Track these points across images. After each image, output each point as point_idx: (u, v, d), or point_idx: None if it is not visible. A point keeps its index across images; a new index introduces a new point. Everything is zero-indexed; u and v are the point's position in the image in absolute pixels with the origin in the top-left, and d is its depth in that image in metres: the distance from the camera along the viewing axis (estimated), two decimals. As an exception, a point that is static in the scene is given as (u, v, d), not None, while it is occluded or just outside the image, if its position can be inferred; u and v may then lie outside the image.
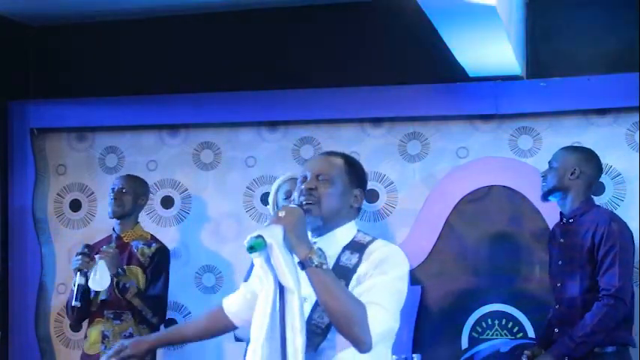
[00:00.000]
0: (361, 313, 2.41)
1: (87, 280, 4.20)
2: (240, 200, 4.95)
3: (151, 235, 4.55)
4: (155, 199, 5.07)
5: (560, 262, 3.91)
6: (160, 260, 4.46)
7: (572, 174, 3.89)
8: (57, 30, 5.31)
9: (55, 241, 5.20)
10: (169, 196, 5.07)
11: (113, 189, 4.47)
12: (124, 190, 4.44)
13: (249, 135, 4.99)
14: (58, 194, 5.24)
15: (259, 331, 2.47)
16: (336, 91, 4.79)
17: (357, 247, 2.57)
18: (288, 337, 2.41)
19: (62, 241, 5.18)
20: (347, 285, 2.49)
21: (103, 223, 5.01)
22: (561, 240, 3.93)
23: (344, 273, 2.51)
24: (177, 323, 5.02)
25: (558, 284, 3.91)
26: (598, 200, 4.35)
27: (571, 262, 3.86)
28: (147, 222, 5.03)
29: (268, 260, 2.46)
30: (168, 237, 5.01)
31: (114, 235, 4.48)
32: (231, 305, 2.86)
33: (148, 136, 5.12)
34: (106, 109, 5.11)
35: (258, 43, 5.00)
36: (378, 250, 2.55)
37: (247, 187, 4.96)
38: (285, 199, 3.92)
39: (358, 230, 2.65)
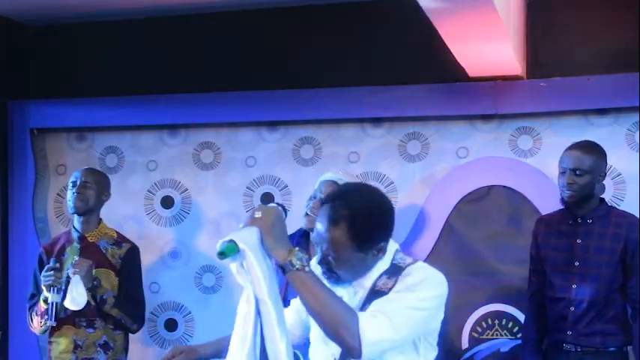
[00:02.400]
0: (349, 316, 2.31)
1: (63, 297, 3.94)
2: (240, 200, 4.95)
3: (117, 232, 4.27)
4: (155, 199, 5.07)
5: (576, 263, 3.84)
6: (133, 261, 4.20)
7: (600, 177, 3.85)
8: (57, 30, 5.31)
9: (55, 241, 5.21)
10: (169, 196, 5.07)
11: (74, 182, 4.13)
12: (87, 184, 4.12)
13: (249, 135, 4.99)
14: (58, 194, 5.23)
15: (243, 338, 2.32)
16: (336, 91, 4.78)
17: (394, 271, 2.44)
18: (268, 348, 2.29)
19: (62, 241, 5.19)
20: None
21: (103, 223, 5.02)
22: (578, 241, 3.86)
23: (379, 296, 2.39)
24: (177, 323, 5.03)
25: (573, 286, 3.84)
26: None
27: (593, 264, 3.81)
28: (147, 222, 5.04)
29: (243, 267, 2.32)
30: (169, 237, 5.01)
31: (76, 235, 4.16)
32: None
33: (147, 136, 5.12)
34: (106, 109, 5.10)
35: (258, 43, 5.00)
36: (415, 272, 2.43)
37: (247, 187, 4.96)
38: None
39: (397, 251, 2.52)
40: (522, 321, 4.39)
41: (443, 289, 2.43)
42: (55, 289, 3.93)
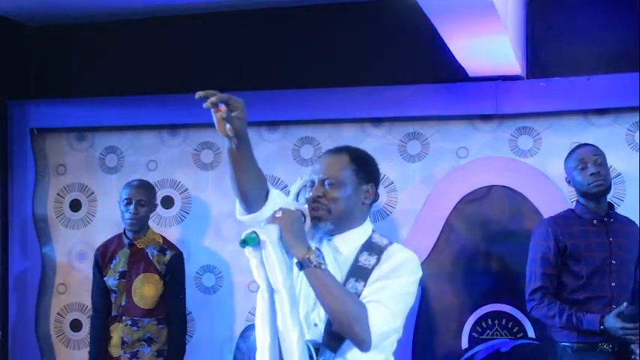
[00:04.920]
0: (361, 312, 2.41)
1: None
2: (240, 200, 4.94)
3: (162, 237, 4.55)
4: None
5: (613, 262, 3.84)
6: (175, 271, 4.47)
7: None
8: (57, 30, 5.31)
9: (55, 241, 5.20)
10: (169, 196, 5.07)
11: (129, 200, 4.40)
12: (142, 202, 4.41)
13: (250, 135, 4.93)
14: (58, 194, 5.23)
15: (263, 336, 2.48)
16: (336, 91, 4.78)
17: (375, 249, 2.56)
18: (282, 337, 2.42)
19: (62, 241, 5.19)
20: (365, 284, 2.49)
21: (103, 223, 5.02)
22: (610, 239, 3.86)
23: (363, 273, 2.51)
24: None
25: (612, 284, 3.83)
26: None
27: (627, 261, 3.84)
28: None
29: (262, 263, 2.45)
30: (169, 237, 5.01)
31: (127, 241, 4.45)
32: (272, 198, 2.61)
33: (147, 136, 5.12)
34: (106, 109, 5.11)
35: (258, 43, 5.00)
36: (397, 253, 2.55)
37: (247, 187, 4.95)
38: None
39: (373, 230, 2.64)
40: (522, 321, 4.39)
41: (420, 270, 2.57)
42: None
